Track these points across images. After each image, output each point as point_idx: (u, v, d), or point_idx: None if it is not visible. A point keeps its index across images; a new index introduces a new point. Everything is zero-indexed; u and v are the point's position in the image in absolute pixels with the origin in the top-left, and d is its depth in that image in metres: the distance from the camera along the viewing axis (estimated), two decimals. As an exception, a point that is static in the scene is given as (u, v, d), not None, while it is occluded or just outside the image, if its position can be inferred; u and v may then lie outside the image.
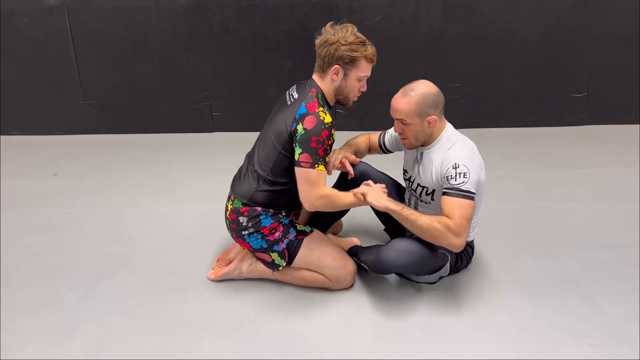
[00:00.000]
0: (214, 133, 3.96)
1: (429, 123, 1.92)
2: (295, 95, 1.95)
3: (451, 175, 1.86)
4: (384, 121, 3.72)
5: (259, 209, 1.99)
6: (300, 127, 1.83)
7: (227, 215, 2.06)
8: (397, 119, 1.95)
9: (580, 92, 3.91)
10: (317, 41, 1.91)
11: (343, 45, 1.85)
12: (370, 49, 1.90)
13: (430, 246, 1.93)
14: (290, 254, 2.02)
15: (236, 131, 3.92)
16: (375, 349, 1.80)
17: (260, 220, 1.99)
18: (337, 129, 3.61)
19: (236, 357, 1.78)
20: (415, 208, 2.10)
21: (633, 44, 3.78)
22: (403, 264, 1.92)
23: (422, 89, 1.91)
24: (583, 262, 2.27)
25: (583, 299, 2.04)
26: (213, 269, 2.21)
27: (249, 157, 2.10)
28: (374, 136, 2.33)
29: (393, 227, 2.34)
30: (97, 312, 2.00)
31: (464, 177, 1.85)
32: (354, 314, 1.98)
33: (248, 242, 2.03)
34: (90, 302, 2.05)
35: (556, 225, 2.59)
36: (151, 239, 2.51)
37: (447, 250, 1.99)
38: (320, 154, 1.84)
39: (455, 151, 1.92)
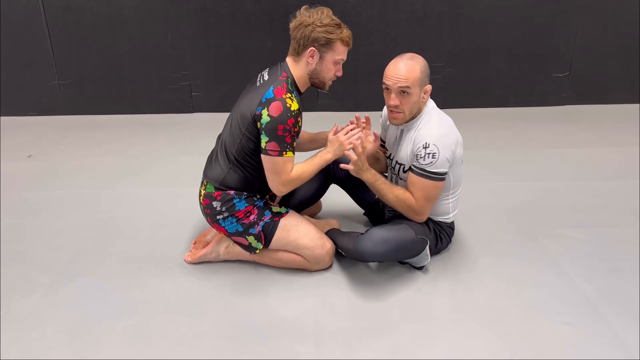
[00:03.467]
0: (194, 114, 3.89)
1: (424, 93, 1.91)
2: (266, 77, 1.92)
3: (420, 155, 1.86)
4: (367, 101, 3.71)
5: (232, 192, 1.96)
6: (265, 113, 1.80)
7: (201, 201, 2.03)
8: (400, 87, 1.86)
9: (563, 72, 3.91)
10: (292, 24, 1.88)
11: (319, 27, 1.82)
12: (345, 32, 1.87)
13: (407, 233, 1.92)
14: (266, 237, 2.00)
15: (216, 112, 3.86)
16: (353, 329, 1.80)
17: (234, 204, 1.96)
18: (320, 110, 3.57)
19: (213, 339, 1.76)
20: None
21: (615, 23, 3.78)
22: (380, 253, 1.91)
23: (420, 58, 1.89)
24: (560, 242, 2.29)
25: (559, 277, 2.05)
26: (190, 251, 2.18)
27: (219, 139, 2.07)
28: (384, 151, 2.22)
29: (372, 212, 2.33)
30: (70, 296, 1.96)
31: (432, 157, 1.84)
32: (332, 295, 1.97)
33: (223, 227, 2.00)
34: (64, 286, 2.01)
35: (535, 205, 2.60)
36: (127, 222, 2.46)
37: (425, 235, 1.99)
38: (288, 141, 1.82)
39: (428, 130, 1.90)
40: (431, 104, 1.98)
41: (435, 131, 1.88)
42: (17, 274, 2.09)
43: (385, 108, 2.10)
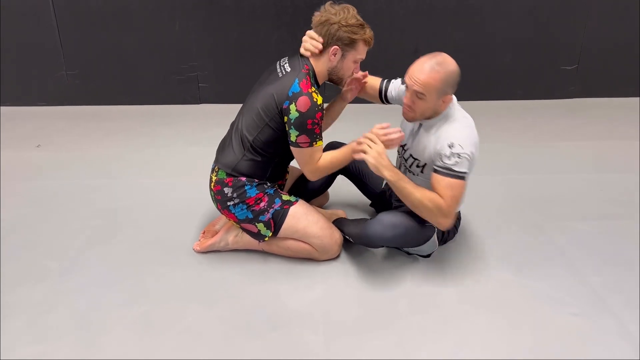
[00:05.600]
0: (201, 105, 3.89)
1: (443, 102, 1.84)
2: (288, 69, 1.92)
3: (445, 154, 1.80)
4: (373, 93, 3.70)
5: (244, 179, 1.97)
6: (293, 108, 1.82)
7: (212, 187, 2.04)
8: (415, 90, 1.81)
9: (571, 65, 3.89)
10: (316, 19, 1.89)
11: (344, 26, 1.84)
12: (369, 33, 1.89)
13: (416, 219, 1.92)
14: (276, 224, 2.01)
15: (223, 103, 3.86)
16: (361, 318, 1.81)
17: (245, 190, 1.97)
18: (326, 101, 3.58)
19: (222, 327, 1.78)
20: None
21: (625, 16, 3.75)
22: (389, 237, 1.91)
23: (450, 66, 1.80)
24: (568, 234, 2.29)
25: (567, 269, 2.06)
26: (199, 240, 2.20)
27: (233, 126, 2.08)
28: (374, 80, 2.20)
29: (379, 202, 2.33)
30: (80, 284, 1.98)
31: (458, 157, 1.79)
32: (340, 284, 1.98)
33: (233, 213, 2.01)
34: (74, 274, 2.03)
35: (543, 197, 2.60)
36: (136, 211, 2.48)
37: (432, 229, 1.99)
38: (317, 132, 1.88)
39: (454, 129, 1.85)
40: (454, 103, 1.92)
41: (461, 131, 1.84)
42: (27, 262, 2.11)
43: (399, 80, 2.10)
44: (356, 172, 2.29)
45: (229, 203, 2.00)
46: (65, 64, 3.76)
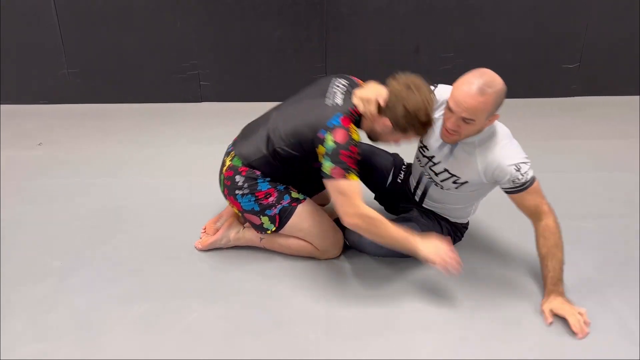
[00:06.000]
0: (202, 103, 3.89)
1: (489, 121, 1.75)
2: (339, 101, 1.85)
3: (518, 178, 1.78)
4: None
5: (259, 172, 1.95)
6: (329, 138, 1.75)
7: (223, 171, 2.01)
8: (462, 117, 1.68)
9: (572, 63, 3.88)
10: (394, 86, 1.79)
11: (412, 118, 1.76)
12: (427, 129, 1.84)
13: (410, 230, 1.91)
14: (281, 220, 1.99)
15: (224, 101, 3.86)
16: (363, 317, 1.81)
17: (257, 183, 1.95)
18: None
19: (224, 325, 1.78)
20: (425, 186, 2.04)
21: (626, 14, 3.74)
22: (383, 253, 1.94)
23: (498, 85, 1.68)
24: (569, 232, 2.26)
25: (567, 267, 2.04)
26: (200, 237, 2.20)
27: (265, 118, 2.02)
28: None
29: (384, 197, 2.32)
30: (81, 283, 1.98)
31: (527, 172, 1.79)
32: (343, 283, 1.98)
33: (239, 202, 1.99)
34: (75, 273, 2.04)
35: (545, 195, 2.59)
36: (137, 210, 2.48)
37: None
38: (351, 165, 1.77)
39: (509, 151, 1.79)
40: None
41: (512, 149, 1.80)
42: (28, 260, 2.11)
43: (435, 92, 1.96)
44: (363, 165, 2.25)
45: (237, 191, 1.97)
46: (67, 63, 3.76)
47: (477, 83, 1.66)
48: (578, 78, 3.92)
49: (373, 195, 2.39)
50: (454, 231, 2.09)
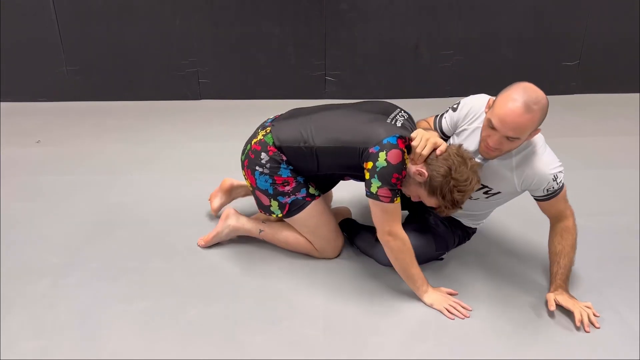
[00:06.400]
0: (201, 100, 3.89)
1: (530, 136, 1.69)
2: (398, 124, 1.81)
3: (553, 187, 1.77)
4: (376, 90, 3.70)
5: (285, 158, 1.91)
6: (382, 156, 1.70)
7: (252, 142, 1.96)
8: (506, 136, 1.62)
9: (572, 61, 3.87)
10: (452, 148, 1.73)
11: (444, 191, 1.69)
12: (449, 211, 1.76)
13: (426, 250, 1.91)
14: (290, 211, 1.97)
15: (224, 99, 3.85)
16: (362, 314, 1.82)
17: (280, 167, 1.91)
18: (327, 97, 3.53)
19: (223, 322, 1.78)
20: None
21: (626, 12, 3.73)
22: None
23: (542, 101, 1.62)
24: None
25: (568, 265, 2.06)
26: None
27: (316, 114, 1.94)
28: (430, 120, 2.03)
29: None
30: (81, 279, 1.98)
31: (561, 181, 1.78)
32: (342, 280, 1.98)
33: (255, 178, 1.94)
34: (74, 270, 2.04)
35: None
36: (137, 207, 2.48)
37: (446, 248, 2.01)
38: (399, 187, 1.74)
39: (547, 161, 1.76)
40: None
41: (550, 158, 1.78)
42: (29, 256, 2.11)
43: (461, 102, 1.92)
44: None
45: (257, 168, 1.93)
46: (66, 60, 3.75)
47: (522, 100, 1.58)
48: (578, 76, 3.92)
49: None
50: (465, 236, 2.07)
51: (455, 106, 1.94)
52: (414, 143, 1.74)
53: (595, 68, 3.90)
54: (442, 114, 1.98)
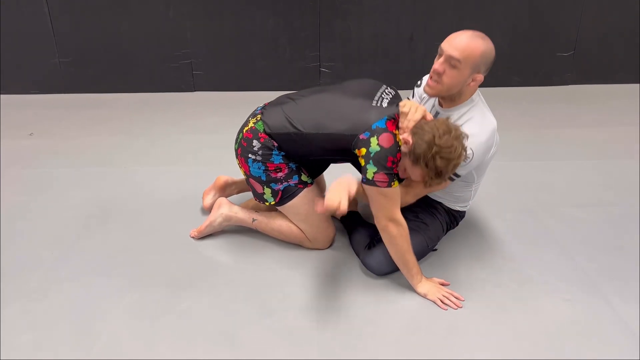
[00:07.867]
0: (195, 92, 3.87)
1: (472, 81, 1.75)
2: (385, 104, 1.81)
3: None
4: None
5: (276, 144, 1.91)
6: (374, 141, 1.70)
7: (244, 130, 1.96)
8: (450, 56, 1.69)
9: (567, 51, 3.87)
10: (440, 120, 1.72)
11: (432, 154, 1.66)
12: (433, 181, 1.74)
13: (417, 247, 1.90)
14: (282, 198, 1.97)
15: (218, 90, 3.84)
16: (356, 305, 1.82)
17: (272, 154, 1.91)
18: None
19: (216, 313, 1.78)
20: None
21: (621, 2, 3.73)
22: (388, 271, 1.93)
23: (490, 44, 1.74)
24: (562, 220, 2.29)
25: (561, 255, 2.06)
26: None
27: (303, 100, 1.93)
28: None
29: None
30: (75, 272, 1.98)
31: (469, 159, 1.74)
32: (336, 271, 1.98)
33: (249, 166, 1.95)
34: (67, 262, 2.03)
35: (539, 184, 2.60)
36: (130, 199, 2.47)
37: (437, 239, 2.02)
38: (395, 172, 1.73)
39: (468, 128, 1.74)
40: (478, 96, 1.84)
41: (479, 137, 1.75)
42: (21, 250, 2.10)
43: (423, 78, 1.96)
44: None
45: (250, 155, 1.93)
46: (58, 52, 3.72)
47: (472, 32, 1.74)
48: (572, 66, 3.92)
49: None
50: (452, 220, 2.06)
51: (419, 82, 2.03)
52: (404, 110, 1.75)
53: (590, 59, 3.90)
54: (413, 93, 2.06)
